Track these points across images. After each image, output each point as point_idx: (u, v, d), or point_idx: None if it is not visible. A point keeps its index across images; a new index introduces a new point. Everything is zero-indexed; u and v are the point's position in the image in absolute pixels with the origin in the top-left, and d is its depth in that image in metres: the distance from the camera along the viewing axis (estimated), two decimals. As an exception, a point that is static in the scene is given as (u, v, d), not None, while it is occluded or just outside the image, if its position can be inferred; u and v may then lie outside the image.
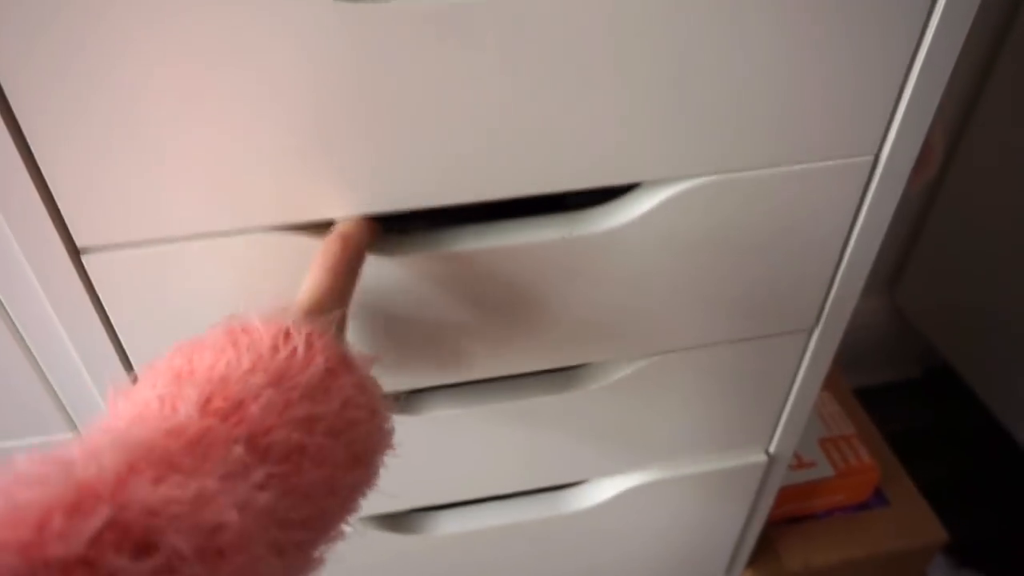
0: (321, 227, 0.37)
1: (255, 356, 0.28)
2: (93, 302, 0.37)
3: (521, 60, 0.33)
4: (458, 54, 0.32)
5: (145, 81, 0.31)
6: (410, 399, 0.49)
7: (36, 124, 0.31)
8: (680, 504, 0.61)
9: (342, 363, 0.30)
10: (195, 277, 0.38)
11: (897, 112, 0.40)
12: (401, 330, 0.43)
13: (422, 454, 0.51)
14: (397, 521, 0.57)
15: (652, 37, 0.34)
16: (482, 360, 0.46)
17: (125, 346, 0.40)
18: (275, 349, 0.28)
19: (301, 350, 0.29)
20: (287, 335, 0.29)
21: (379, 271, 0.39)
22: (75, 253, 0.35)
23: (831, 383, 0.87)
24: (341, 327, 0.33)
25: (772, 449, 0.59)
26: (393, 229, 0.40)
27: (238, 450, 0.25)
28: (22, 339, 0.40)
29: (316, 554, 0.28)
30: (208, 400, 0.26)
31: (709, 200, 0.41)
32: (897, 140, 0.41)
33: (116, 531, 0.20)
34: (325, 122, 0.33)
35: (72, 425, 0.45)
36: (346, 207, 0.37)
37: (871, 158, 0.41)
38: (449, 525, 0.57)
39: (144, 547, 0.20)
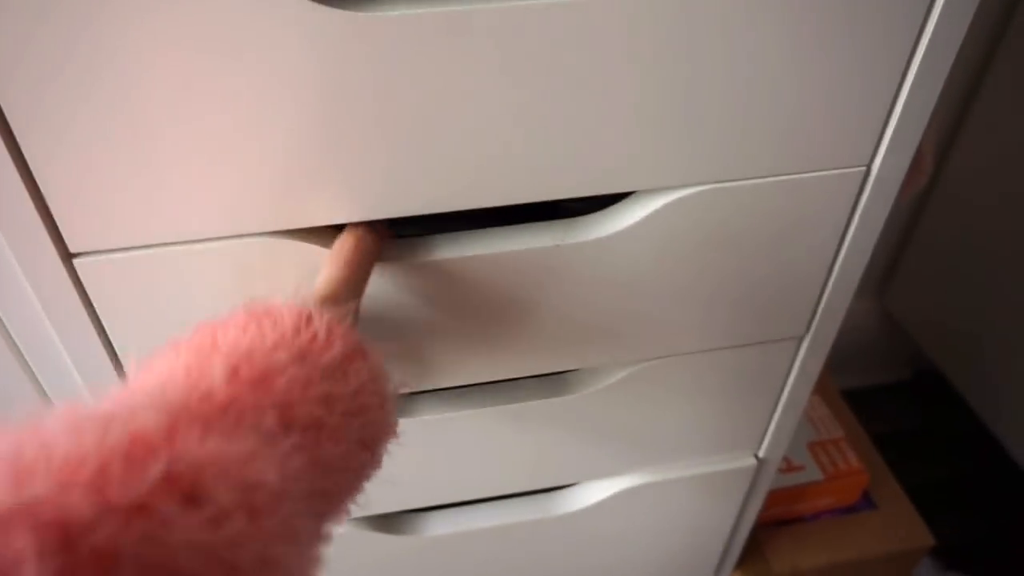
0: (320, 233, 0.37)
1: (278, 336, 0.29)
2: (85, 306, 0.37)
3: (520, 69, 0.33)
4: (458, 63, 0.32)
5: (140, 84, 0.31)
6: (403, 401, 0.49)
7: (28, 127, 0.31)
8: (670, 507, 0.61)
9: (358, 351, 0.31)
10: (190, 282, 0.38)
11: (889, 123, 0.40)
12: (395, 335, 0.43)
13: (415, 456, 0.51)
14: (389, 522, 0.57)
15: (648, 52, 0.34)
16: (476, 365, 0.46)
17: (117, 350, 0.40)
18: (297, 331, 0.29)
19: (322, 334, 0.30)
20: (308, 319, 0.30)
21: (373, 276, 0.39)
22: (67, 257, 0.35)
23: (821, 386, 0.87)
24: (355, 318, 0.34)
25: (761, 453, 0.59)
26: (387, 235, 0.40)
27: (270, 418, 0.26)
28: (13, 342, 0.40)
29: (326, 529, 0.29)
30: (235, 370, 0.26)
31: (702, 209, 0.41)
32: (889, 151, 0.41)
33: (169, 481, 0.21)
34: (322, 128, 0.33)
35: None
36: (341, 213, 0.37)
37: (863, 168, 0.42)
38: (441, 526, 0.57)
39: (192, 499, 0.21)
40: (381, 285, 0.40)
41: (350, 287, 0.34)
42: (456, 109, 0.34)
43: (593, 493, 0.59)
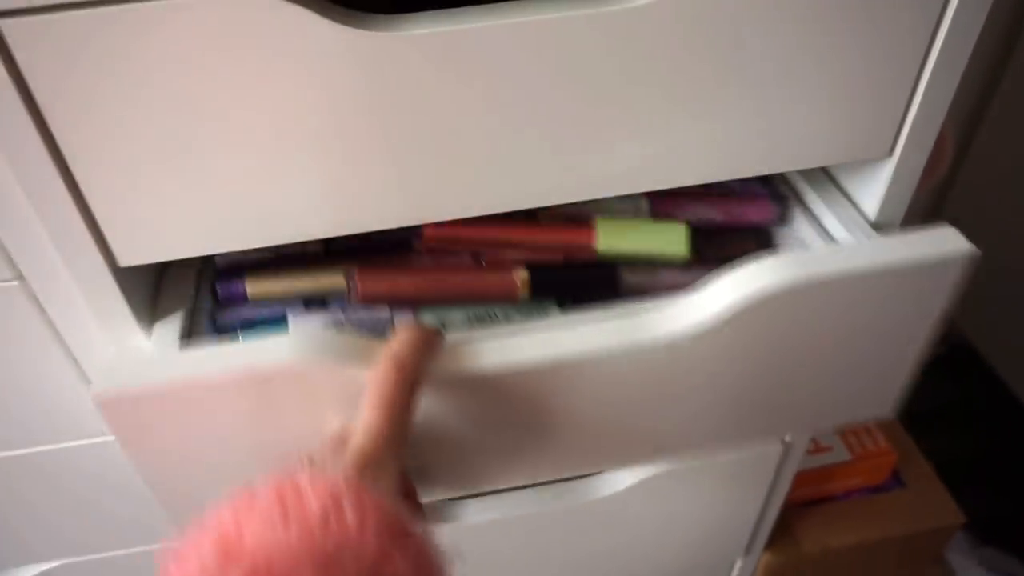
0: (358, 350, 0.34)
1: (304, 531, 0.26)
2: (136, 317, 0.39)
3: (541, 78, 0.34)
4: (479, 75, 0.34)
5: (179, 102, 0.32)
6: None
7: (74, 144, 0.33)
8: (698, 491, 0.62)
9: (398, 536, 0.28)
10: (217, 413, 0.35)
11: (909, 113, 0.41)
12: (431, 441, 0.39)
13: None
14: (427, 510, 0.59)
15: (671, 55, 0.35)
16: (516, 471, 0.43)
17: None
18: (326, 521, 0.27)
19: (353, 522, 0.27)
20: (338, 504, 0.27)
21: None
22: (116, 270, 0.37)
23: (849, 366, 0.87)
24: (398, 482, 0.31)
25: (788, 437, 0.60)
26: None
27: None
28: (68, 350, 0.42)
29: None
30: None
31: (788, 305, 0.36)
32: (909, 140, 0.42)
33: None
34: (354, 138, 0.35)
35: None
36: (378, 220, 0.38)
37: (968, 251, 0.38)
38: (475, 514, 0.59)
39: None
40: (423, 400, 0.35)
41: (391, 438, 0.31)
42: (481, 117, 0.35)
43: (621, 479, 0.60)
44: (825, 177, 0.49)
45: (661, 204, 0.47)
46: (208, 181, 0.35)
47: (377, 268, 0.43)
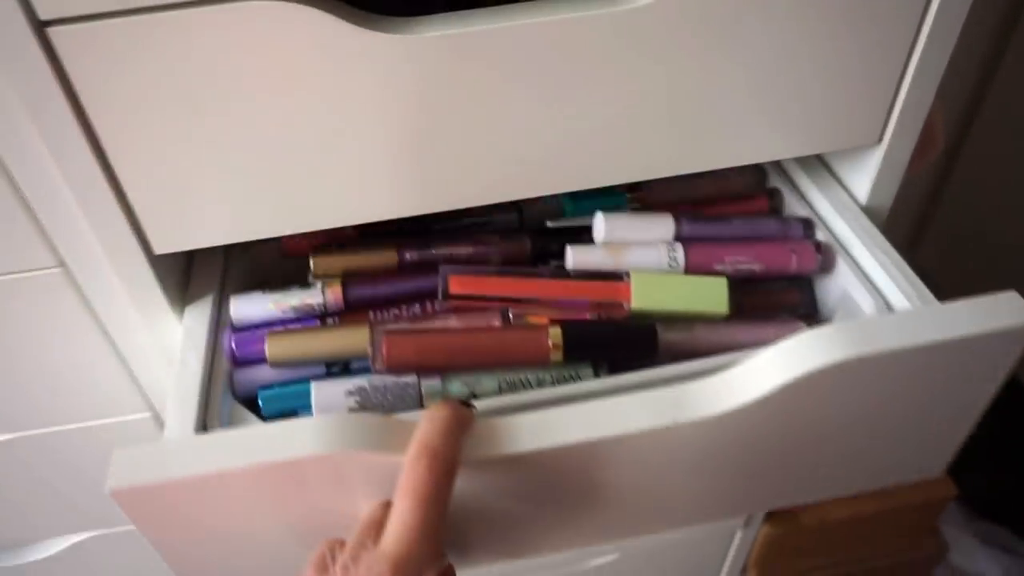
0: (389, 430, 0.32)
1: None
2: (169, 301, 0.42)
3: (551, 75, 0.37)
4: (491, 73, 0.36)
5: (212, 101, 0.34)
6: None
7: (118, 150, 0.35)
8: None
9: None
10: (250, 497, 0.33)
11: (897, 102, 0.43)
12: (467, 516, 0.37)
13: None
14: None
15: (676, 52, 0.37)
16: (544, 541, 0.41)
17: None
18: None
19: None
20: None
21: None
22: (151, 257, 0.39)
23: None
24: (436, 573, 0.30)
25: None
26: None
27: None
28: (106, 332, 0.45)
29: None
30: None
31: (847, 377, 0.33)
32: (898, 127, 0.44)
33: None
34: (377, 134, 0.37)
35: (148, 406, 0.50)
36: (403, 207, 0.40)
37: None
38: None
39: None
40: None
41: (427, 532, 0.29)
42: (492, 113, 0.37)
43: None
44: (818, 163, 0.51)
45: (697, 254, 0.45)
46: (236, 175, 0.37)
47: (403, 331, 0.41)
